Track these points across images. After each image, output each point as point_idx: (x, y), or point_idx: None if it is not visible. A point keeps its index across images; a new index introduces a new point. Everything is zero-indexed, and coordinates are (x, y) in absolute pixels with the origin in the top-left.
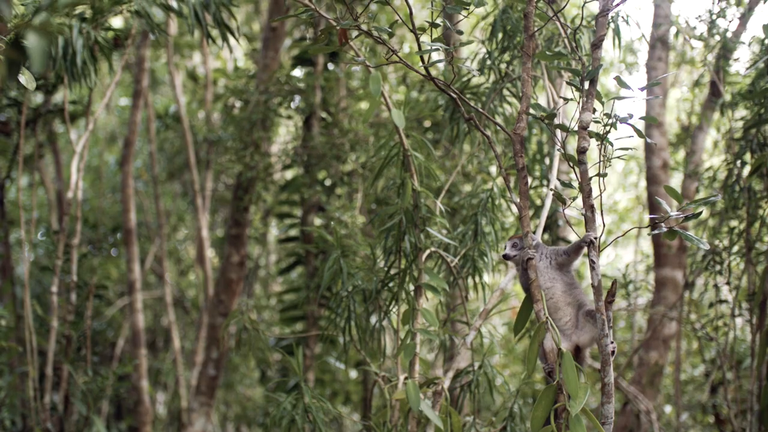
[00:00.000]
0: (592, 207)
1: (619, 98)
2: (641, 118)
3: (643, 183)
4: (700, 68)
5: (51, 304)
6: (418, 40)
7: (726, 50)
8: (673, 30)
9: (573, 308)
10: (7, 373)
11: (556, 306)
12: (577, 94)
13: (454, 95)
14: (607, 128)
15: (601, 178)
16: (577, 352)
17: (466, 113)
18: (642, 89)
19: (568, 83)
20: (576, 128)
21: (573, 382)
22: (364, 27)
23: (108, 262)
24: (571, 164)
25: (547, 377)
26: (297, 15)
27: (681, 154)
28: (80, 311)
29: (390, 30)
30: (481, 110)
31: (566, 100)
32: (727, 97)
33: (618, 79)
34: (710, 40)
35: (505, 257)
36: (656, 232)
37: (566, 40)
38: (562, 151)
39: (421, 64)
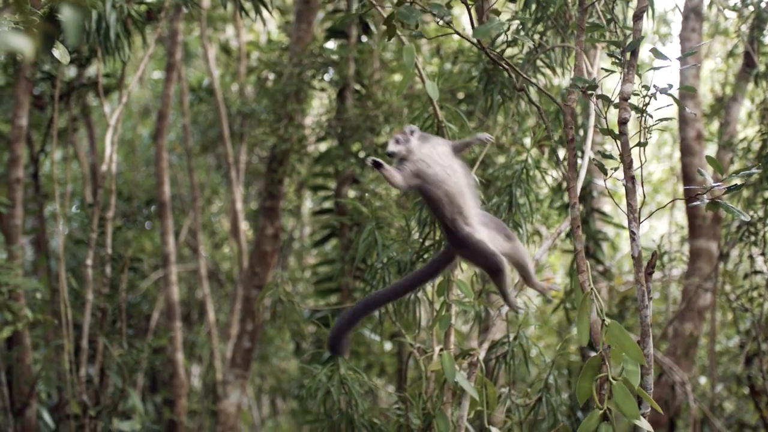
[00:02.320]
0: (632, 178)
1: (656, 68)
2: (679, 89)
3: (677, 154)
4: (734, 39)
5: (86, 277)
6: (469, 11)
7: (760, 20)
8: (706, 0)
9: (471, 191)
10: (43, 346)
11: (461, 190)
12: (616, 65)
13: (506, 67)
14: (647, 99)
15: (641, 151)
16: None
17: (516, 84)
18: (679, 59)
19: (609, 55)
20: (617, 100)
21: (632, 349)
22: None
23: (142, 235)
24: (612, 136)
25: (583, 351)
26: None
27: (715, 125)
28: (115, 284)
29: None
30: (532, 81)
31: (608, 72)
32: (762, 68)
33: (654, 50)
34: (744, 11)
35: (390, 155)
36: (695, 203)
37: (602, 12)
38: (602, 123)
39: (457, 36)
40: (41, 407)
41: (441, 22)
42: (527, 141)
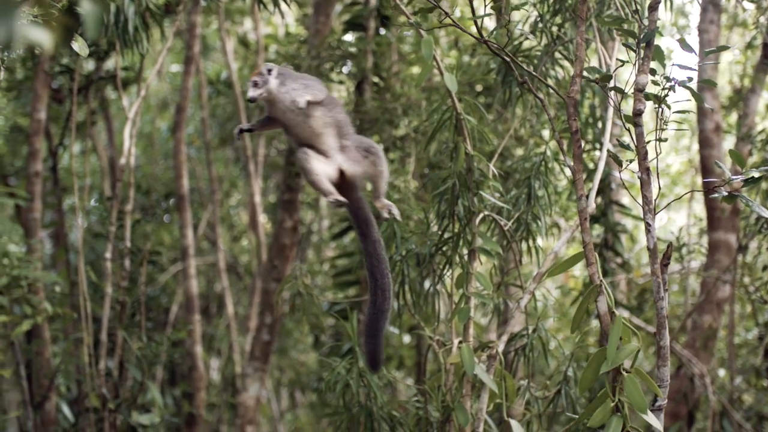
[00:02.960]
0: (648, 169)
1: (682, 66)
2: (700, 82)
3: (696, 146)
4: (753, 30)
5: (105, 270)
6: (471, 4)
7: None
8: None
9: (333, 128)
10: (62, 340)
11: (317, 131)
12: (631, 56)
13: (508, 58)
14: (666, 91)
15: (658, 142)
16: (343, 179)
17: (520, 77)
18: (706, 53)
19: (624, 45)
20: (631, 91)
21: (613, 343)
22: None
23: (161, 228)
24: (627, 127)
25: (602, 340)
26: None
27: (733, 117)
28: (134, 277)
29: None
30: (534, 73)
31: (622, 62)
32: None
33: (682, 41)
34: (762, 2)
35: (251, 101)
36: (714, 196)
37: (619, 2)
38: (620, 113)
39: (474, 28)
40: (61, 400)
41: (440, 17)
42: (545, 133)
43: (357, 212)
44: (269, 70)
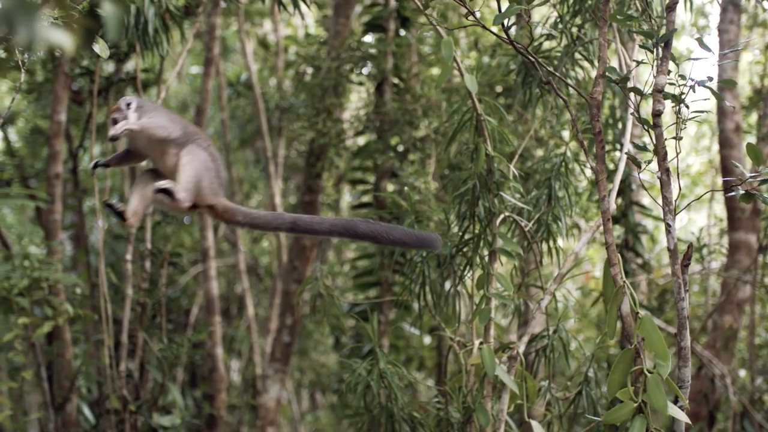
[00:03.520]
0: (667, 170)
1: (696, 59)
2: (719, 82)
3: (716, 146)
4: None
5: (125, 272)
6: (498, 3)
7: None
8: None
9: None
10: (83, 342)
11: (173, 167)
12: (650, 56)
13: (531, 59)
14: (684, 91)
15: (677, 142)
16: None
17: (543, 77)
18: (723, 54)
19: (641, 46)
20: (650, 91)
21: (659, 345)
22: None
23: (181, 229)
24: (646, 127)
25: (624, 341)
26: None
27: (753, 117)
28: (155, 279)
29: None
30: (556, 74)
31: (638, 62)
32: None
33: (699, 40)
34: None
35: (113, 139)
36: (732, 194)
37: (638, 2)
38: (636, 115)
39: (494, 27)
40: (81, 402)
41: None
42: (566, 134)
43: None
44: (128, 104)
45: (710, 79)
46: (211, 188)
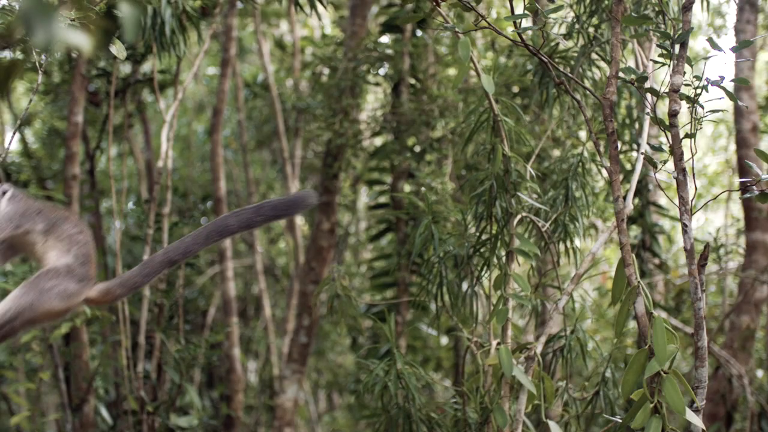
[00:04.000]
0: (684, 170)
1: (709, 58)
2: (732, 80)
3: (733, 146)
4: None
5: None
6: (511, 3)
7: None
8: None
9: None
10: (101, 343)
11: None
12: (666, 57)
13: (545, 60)
14: (698, 91)
15: (692, 142)
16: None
17: (557, 78)
18: (732, 50)
19: (658, 46)
20: (666, 91)
21: (662, 347)
22: None
23: None
24: (662, 128)
25: (640, 342)
26: None
27: None
28: (172, 280)
29: None
30: (570, 75)
31: (656, 62)
32: None
33: (710, 40)
34: None
35: None
36: (747, 195)
37: (654, 3)
38: (652, 115)
39: (509, 29)
40: (99, 403)
41: (476, 20)
42: (582, 134)
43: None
44: (3, 192)
45: (722, 78)
46: (65, 294)
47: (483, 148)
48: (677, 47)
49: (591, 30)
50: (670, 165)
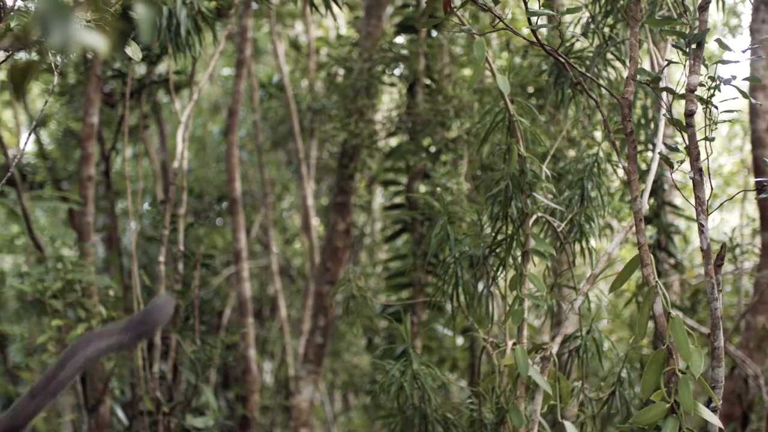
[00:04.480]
0: (700, 170)
1: (725, 62)
2: (745, 79)
3: (748, 146)
4: None
5: (158, 273)
6: (526, 5)
7: None
8: None
9: None
10: None
11: None
12: (682, 57)
13: (561, 60)
14: (712, 91)
15: (708, 142)
16: None
17: (574, 78)
18: (745, 51)
19: (674, 46)
20: (682, 92)
21: (684, 346)
22: None
23: (214, 231)
24: (678, 128)
25: (657, 342)
26: None
27: None
28: (187, 281)
29: None
30: (587, 74)
31: (670, 62)
32: None
33: (719, 41)
34: None
35: None
36: (763, 195)
37: (671, 3)
38: (668, 116)
39: (525, 29)
40: (115, 404)
41: (492, 21)
42: (598, 134)
43: None
44: None
45: (734, 77)
46: None
47: (498, 149)
48: (694, 47)
49: (606, 30)
50: (686, 165)
